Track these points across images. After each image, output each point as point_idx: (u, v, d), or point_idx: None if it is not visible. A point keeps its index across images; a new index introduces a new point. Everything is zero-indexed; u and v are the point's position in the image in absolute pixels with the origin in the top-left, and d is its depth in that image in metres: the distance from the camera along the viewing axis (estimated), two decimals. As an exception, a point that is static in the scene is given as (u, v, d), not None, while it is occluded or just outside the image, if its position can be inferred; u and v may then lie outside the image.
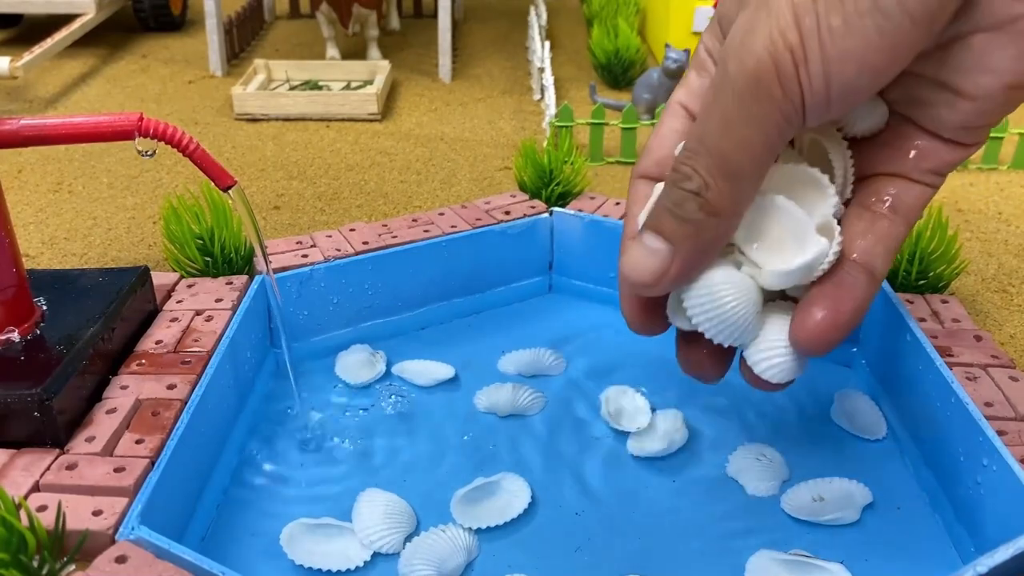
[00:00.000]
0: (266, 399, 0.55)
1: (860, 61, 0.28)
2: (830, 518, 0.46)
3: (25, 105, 1.12)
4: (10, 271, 0.47)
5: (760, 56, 0.28)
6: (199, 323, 0.54)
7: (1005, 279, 0.72)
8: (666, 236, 0.32)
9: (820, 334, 0.33)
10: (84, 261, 0.74)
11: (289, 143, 1.00)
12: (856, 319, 0.34)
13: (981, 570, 0.36)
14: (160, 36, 1.44)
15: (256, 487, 0.48)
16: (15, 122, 0.44)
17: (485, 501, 0.47)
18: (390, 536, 0.44)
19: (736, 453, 0.51)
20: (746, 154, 0.29)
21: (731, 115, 0.29)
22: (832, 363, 0.59)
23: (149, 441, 0.44)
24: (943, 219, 0.61)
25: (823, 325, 0.33)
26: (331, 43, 1.27)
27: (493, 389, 0.56)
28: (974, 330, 0.55)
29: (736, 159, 0.30)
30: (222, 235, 0.59)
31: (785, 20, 0.27)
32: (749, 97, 0.28)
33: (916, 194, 0.34)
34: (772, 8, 0.28)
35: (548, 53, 1.09)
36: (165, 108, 1.12)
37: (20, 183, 0.88)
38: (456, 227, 0.63)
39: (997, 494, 0.42)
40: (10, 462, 0.43)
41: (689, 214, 0.31)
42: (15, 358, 0.46)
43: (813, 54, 0.27)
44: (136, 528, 0.38)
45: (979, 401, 0.47)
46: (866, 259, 0.34)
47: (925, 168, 0.34)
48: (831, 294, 0.33)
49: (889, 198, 0.34)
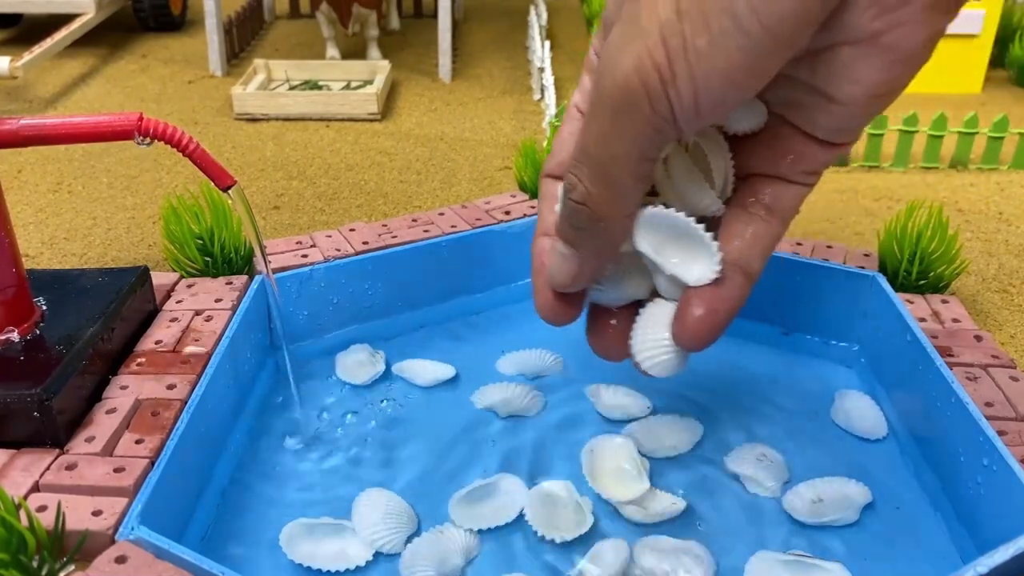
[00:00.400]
0: (266, 399, 0.55)
1: (725, 78, 0.28)
2: (830, 519, 0.46)
3: (25, 105, 1.12)
4: (10, 271, 0.47)
5: (629, 75, 0.29)
6: (199, 323, 0.54)
7: (1005, 279, 0.72)
8: (569, 243, 0.34)
9: (700, 331, 0.35)
10: (84, 261, 0.74)
11: (289, 143, 1.00)
12: (732, 317, 0.35)
13: (981, 570, 0.36)
14: (160, 36, 1.44)
15: (256, 487, 0.48)
16: (15, 122, 0.44)
17: (484, 502, 0.47)
18: (391, 536, 0.44)
19: (736, 453, 0.51)
20: (623, 165, 0.31)
21: (606, 129, 0.30)
22: (832, 363, 0.59)
23: (149, 441, 0.44)
24: (943, 219, 0.61)
25: (703, 323, 0.35)
26: (331, 43, 1.27)
27: (493, 389, 0.56)
28: (974, 330, 0.55)
29: (614, 170, 0.31)
30: (222, 235, 0.59)
31: (653, 40, 0.28)
32: (622, 113, 0.30)
33: (792, 194, 0.36)
34: (641, 26, 0.29)
35: (548, 53, 1.09)
36: (165, 108, 1.12)
37: (20, 183, 0.88)
38: (456, 227, 0.63)
39: (997, 494, 0.42)
40: (10, 462, 0.43)
41: (580, 223, 0.33)
42: (15, 358, 0.46)
43: (681, 73, 0.28)
44: (136, 528, 0.38)
45: (979, 401, 0.47)
46: (742, 260, 0.35)
47: (800, 169, 0.35)
48: (709, 294, 0.35)
49: (766, 198, 0.35)
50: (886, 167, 0.94)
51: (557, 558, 0.44)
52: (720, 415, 0.54)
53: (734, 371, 0.58)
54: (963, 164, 0.94)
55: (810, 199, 0.88)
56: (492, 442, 0.52)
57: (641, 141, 0.30)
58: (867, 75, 0.30)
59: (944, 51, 1.16)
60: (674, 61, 0.28)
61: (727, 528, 0.46)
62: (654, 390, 0.56)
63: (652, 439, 0.51)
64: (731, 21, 0.27)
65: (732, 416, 0.54)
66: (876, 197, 0.87)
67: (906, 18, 0.29)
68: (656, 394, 0.55)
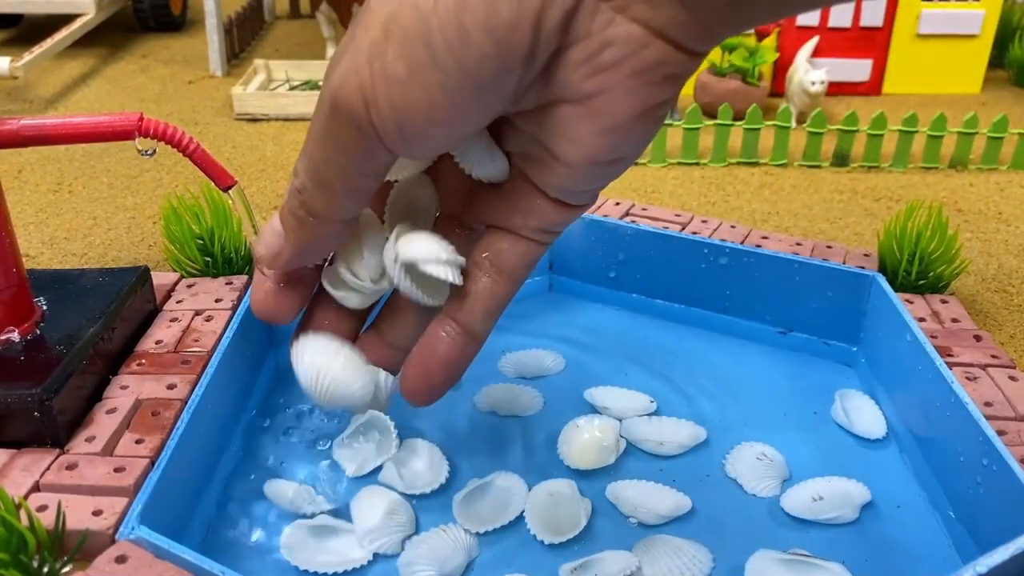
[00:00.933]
0: (266, 399, 0.55)
1: (426, 112, 0.27)
2: (829, 517, 0.46)
3: (25, 105, 1.12)
4: (10, 271, 0.47)
5: (337, 89, 0.28)
6: (199, 323, 0.54)
7: (1005, 279, 0.72)
8: (283, 224, 0.33)
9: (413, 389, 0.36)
10: (84, 261, 0.74)
11: (289, 143, 1.00)
12: (451, 375, 0.35)
13: (981, 570, 0.36)
14: (160, 36, 1.44)
15: (256, 487, 0.48)
16: (15, 122, 0.44)
17: (485, 502, 0.47)
18: (390, 536, 0.44)
19: (736, 452, 0.51)
20: (334, 173, 0.30)
21: (319, 132, 0.30)
22: (832, 363, 0.59)
23: (149, 441, 0.44)
24: (943, 219, 0.61)
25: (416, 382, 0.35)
26: (331, 43, 1.27)
27: (493, 390, 0.56)
28: (974, 330, 0.55)
29: (325, 172, 0.30)
30: (222, 235, 0.59)
31: (362, 58, 0.27)
32: (331, 121, 0.29)
33: (521, 251, 0.35)
34: (356, 39, 0.28)
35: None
36: (165, 108, 1.12)
37: (20, 183, 0.88)
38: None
39: (997, 494, 0.42)
40: (10, 462, 0.43)
41: (294, 209, 0.32)
42: (15, 358, 0.46)
43: (381, 97, 0.27)
44: (136, 528, 0.38)
45: (979, 401, 0.47)
46: (464, 319, 0.35)
47: (533, 226, 0.34)
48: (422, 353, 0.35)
49: (495, 254, 0.35)
50: (886, 167, 0.94)
51: (558, 558, 0.44)
52: (720, 414, 0.54)
53: (734, 371, 0.58)
54: (963, 164, 0.94)
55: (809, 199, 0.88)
56: (492, 442, 0.52)
57: (351, 152, 0.29)
58: (584, 138, 0.29)
59: (944, 51, 1.16)
60: (376, 84, 0.27)
61: (727, 527, 0.46)
62: (654, 390, 0.56)
63: (652, 439, 0.51)
64: (428, 54, 0.26)
65: (732, 415, 0.54)
66: (876, 197, 0.87)
67: (612, 84, 0.28)
68: (656, 393, 0.55)
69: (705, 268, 0.61)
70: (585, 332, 0.62)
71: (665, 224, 0.64)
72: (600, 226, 0.63)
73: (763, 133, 0.94)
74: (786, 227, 0.80)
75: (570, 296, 0.66)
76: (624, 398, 0.55)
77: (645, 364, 0.59)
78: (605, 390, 0.56)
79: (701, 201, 0.86)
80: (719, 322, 0.62)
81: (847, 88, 1.17)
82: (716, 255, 0.61)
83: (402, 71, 0.27)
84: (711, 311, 0.62)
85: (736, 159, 0.95)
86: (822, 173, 0.93)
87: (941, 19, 1.14)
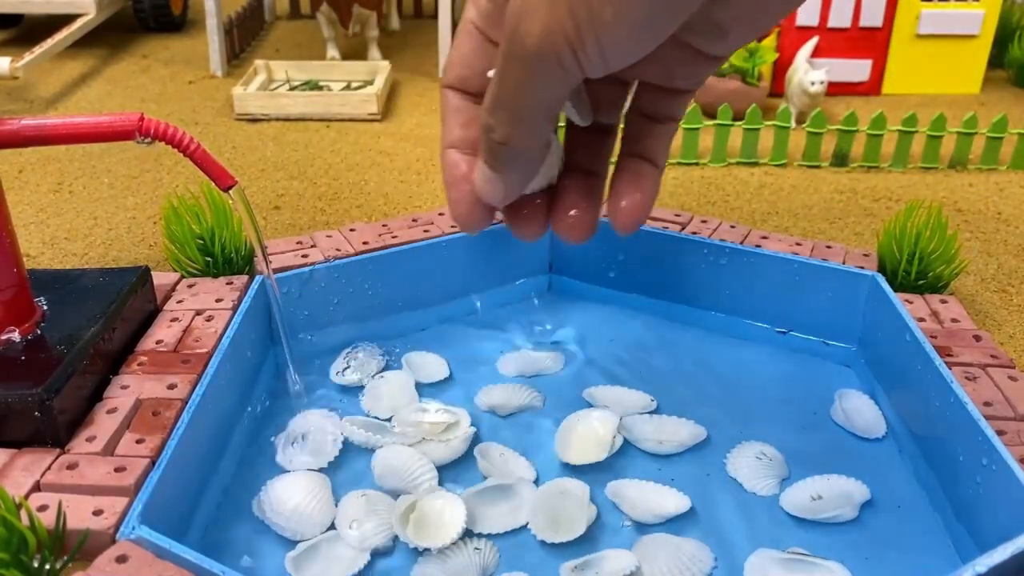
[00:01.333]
0: (266, 399, 0.55)
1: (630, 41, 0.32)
2: (828, 515, 0.46)
3: (25, 105, 1.12)
4: (11, 271, 0.47)
5: (540, 43, 0.32)
6: (199, 323, 0.54)
7: (1004, 279, 0.72)
8: (495, 169, 0.38)
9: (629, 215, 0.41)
10: (85, 261, 0.74)
11: (289, 143, 1.00)
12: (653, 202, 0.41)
13: (980, 569, 0.36)
14: (160, 36, 1.44)
15: (256, 487, 0.48)
16: (16, 122, 0.44)
17: (485, 502, 0.47)
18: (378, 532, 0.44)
19: (735, 451, 0.51)
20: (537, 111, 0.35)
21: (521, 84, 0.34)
22: (831, 362, 0.59)
23: (150, 441, 0.44)
24: (942, 219, 0.61)
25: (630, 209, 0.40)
26: (331, 43, 1.27)
27: (493, 389, 0.56)
28: (973, 330, 0.55)
29: (528, 115, 0.35)
30: (222, 235, 0.59)
31: (561, 11, 0.31)
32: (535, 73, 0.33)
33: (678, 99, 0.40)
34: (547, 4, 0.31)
35: (548, 53, 1.09)
36: (165, 108, 1.12)
37: (21, 183, 0.88)
38: (456, 227, 0.63)
39: (996, 493, 0.42)
40: (11, 462, 0.43)
41: (502, 157, 0.37)
42: (16, 358, 0.46)
43: (589, 41, 0.31)
44: (136, 528, 0.38)
45: (978, 401, 0.47)
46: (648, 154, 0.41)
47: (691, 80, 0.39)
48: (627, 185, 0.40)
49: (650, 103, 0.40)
50: (885, 167, 0.94)
51: (558, 557, 0.44)
52: (720, 414, 0.54)
53: (734, 370, 0.59)
54: (962, 164, 0.94)
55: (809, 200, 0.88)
56: (492, 442, 0.52)
57: (553, 91, 0.34)
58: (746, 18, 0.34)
59: (943, 51, 1.16)
60: (582, 30, 0.31)
61: (726, 526, 0.47)
62: (654, 389, 0.56)
63: (652, 438, 0.51)
64: None
65: (732, 414, 0.54)
66: (875, 197, 0.87)
67: None
68: (656, 393, 0.55)
69: (705, 268, 0.61)
70: (585, 332, 0.62)
71: (665, 224, 0.64)
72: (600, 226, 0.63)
73: (763, 133, 0.94)
74: (786, 227, 0.80)
75: (570, 296, 0.66)
76: (624, 397, 0.55)
77: (645, 364, 0.59)
78: (605, 389, 0.56)
79: (701, 201, 0.86)
80: (719, 322, 0.62)
81: (847, 88, 1.17)
82: (716, 255, 0.61)
83: (608, 13, 0.30)
84: (711, 311, 0.62)
85: (736, 159, 0.95)
86: (822, 173, 0.93)
87: (941, 19, 1.14)
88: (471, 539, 0.45)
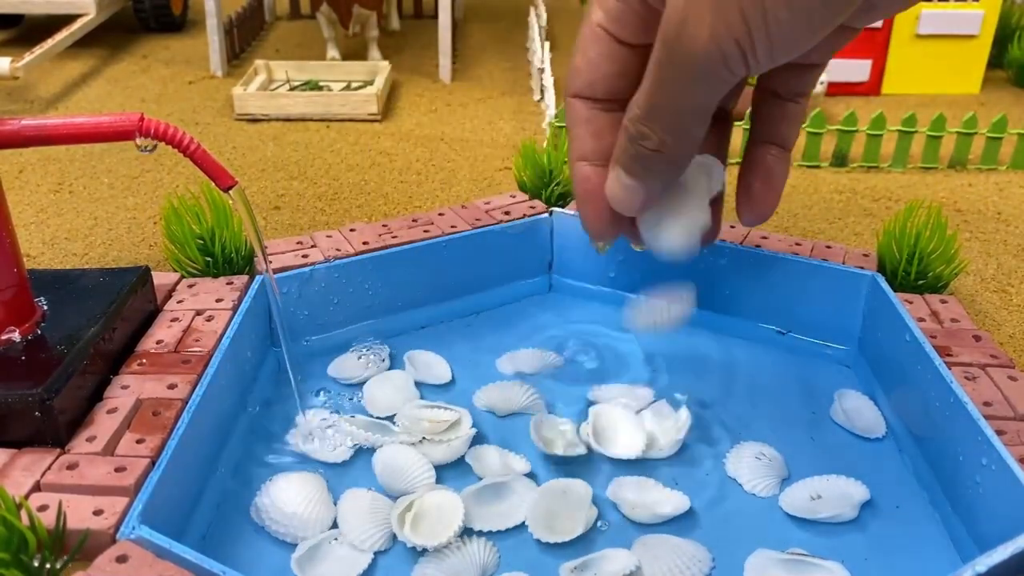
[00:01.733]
0: (266, 399, 0.55)
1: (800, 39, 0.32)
2: (827, 515, 0.46)
3: (26, 105, 1.12)
4: (11, 271, 0.47)
5: (709, 48, 0.32)
6: (200, 323, 0.54)
7: (1004, 279, 0.72)
8: (637, 177, 0.38)
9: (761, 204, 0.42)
10: (85, 261, 0.74)
11: (289, 143, 1.00)
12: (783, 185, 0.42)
13: (980, 569, 0.36)
14: (161, 36, 1.44)
15: (257, 487, 0.48)
16: (16, 122, 0.44)
17: (485, 502, 0.47)
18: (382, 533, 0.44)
19: (735, 451, 0.51)
20: (697, 115, 0.35)
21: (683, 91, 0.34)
22: (831, 362, 0.59)
23: (150, 441, 0.44)
24: (942, 219, 0.61)
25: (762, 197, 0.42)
26: (331, 44, 1.27)
27: (492, 389, 0.56)
28: (973, 330, 0.55)
29: (688, 122, 0.35)
30: (222, 235, 0.59)
31: (733, 13, 0.31)
32: (700, 78, 0.33)
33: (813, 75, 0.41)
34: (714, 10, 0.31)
35: (548, 54, 1.09)
36: (165, 108, 1.12)
37: (21, 183, 0.88)
38: (456, 227, 0.63)
39: (996, 493, 0.42)
40: (11, 462, 0.43)
41: (653, 165, 0.37)
42: (16, 358, 0.46)
43: (760, 42, 0.31)
44: (137, 528, 0.38)
45: (978, 401, 0.47)
46: (780, 139, 0.42)
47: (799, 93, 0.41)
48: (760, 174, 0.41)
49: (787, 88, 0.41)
50: (885, 167, 0.94)
51: (558, 557, 0.44)
52: (719, 414, 0.55)
53: (733, 370, 0.59)
54: (962, 164, 0.94)
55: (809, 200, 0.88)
56: (492, 442, 0.52)
57: (715, 95, 0.34)
58: None
59: (943, 52, 1.16)
60: (754, 33, 0.31)
61: (725, 526, 0.47)
62: (654, 389, 0.56)
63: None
64: None
65: (731, 415, 0.54)
66: (875, 197, 0.87)
67: None
68: (656, 393, 0.55)
69: (705, 268, 0.61)
70: (585, 332, 0.62)
71: (665, 224, 0.64)
72: (600, 226, 0.63)
73: (763, 133, 0.94)
74: (786, 227, 0.80)
75: (570, 296, 0.67)
76: (624, 397, 0.55)
77: (644, 364, 0.59)
78: (605, 388, 0.56)
79: (701, 201, 0.86)
80: (719, 322, 0.62)
81: (846, 88, 1.17)
82: (716, 255, 0.61)
83: (784, 14, 0.30)
84: (711, 311, 0.62)
85: (736, 159, 0.95)
86: (821, 173, 0.93)
87: (940, 19, 1.14)
88: (470, 538, 0.45)
